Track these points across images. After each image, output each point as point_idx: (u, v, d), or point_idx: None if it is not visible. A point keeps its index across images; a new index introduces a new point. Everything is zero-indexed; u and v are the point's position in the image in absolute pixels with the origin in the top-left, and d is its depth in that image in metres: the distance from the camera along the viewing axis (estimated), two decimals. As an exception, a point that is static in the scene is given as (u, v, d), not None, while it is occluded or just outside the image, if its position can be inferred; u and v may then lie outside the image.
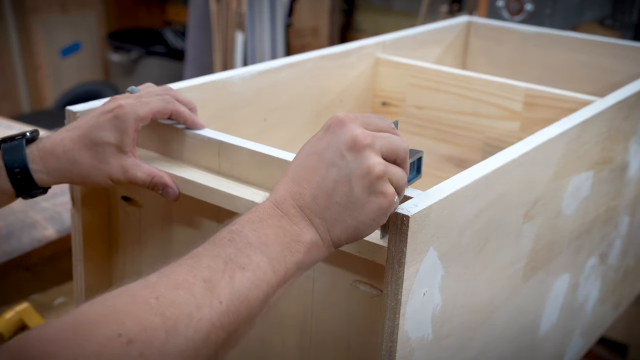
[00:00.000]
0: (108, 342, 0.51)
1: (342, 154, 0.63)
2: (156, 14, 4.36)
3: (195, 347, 0.55)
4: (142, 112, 0.81)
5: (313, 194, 0.64)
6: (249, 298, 0.59)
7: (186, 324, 0.55)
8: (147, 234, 0.94)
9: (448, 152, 1.32)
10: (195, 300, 0.56)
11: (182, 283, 0.57)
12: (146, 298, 0.55)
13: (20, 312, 1.15)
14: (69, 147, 0.80)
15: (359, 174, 0.63)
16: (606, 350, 2.02)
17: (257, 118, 1.13)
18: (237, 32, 3.02)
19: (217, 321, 0.57)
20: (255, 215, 0.63)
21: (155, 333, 0.53)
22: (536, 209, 0.90)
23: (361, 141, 0.64)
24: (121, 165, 0.81)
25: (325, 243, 0.64)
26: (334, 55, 1.24)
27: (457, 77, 1.28)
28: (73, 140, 0.80)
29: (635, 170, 1.20)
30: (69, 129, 0.81)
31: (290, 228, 0.63)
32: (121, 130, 0.80)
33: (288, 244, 0.62)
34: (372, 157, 0.63)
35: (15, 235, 1.22)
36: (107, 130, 0.80)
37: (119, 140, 0.80)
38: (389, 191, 0.64)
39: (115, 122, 0.80)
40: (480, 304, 0.84)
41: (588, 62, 1.44)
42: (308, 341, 0.84)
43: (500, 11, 2.08)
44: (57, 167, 0.80)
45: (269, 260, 0.61)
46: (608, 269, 1.23)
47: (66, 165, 0.80)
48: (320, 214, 0.64)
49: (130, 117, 0.80)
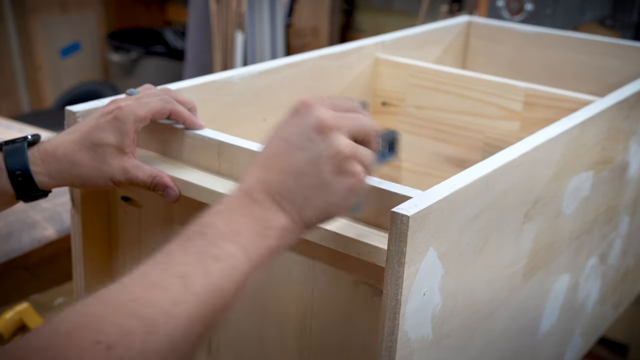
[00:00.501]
0: (87, 350, 0.51)
1: (310, 137, 0.64)
2: (156, 14, 4.36)
3: (174, 344, 0.55)
4: (141, 112, 0.81)
5: (282, 179, 0.64)
6: (224, 288, 0.59)
7: (164, 321, 0.55)
8: (147, 234, 0.94)
9: (448, 152, 1.32)
10: (171, 297, 0.56)
11: (156, 282, 0.57)
12: (122, 301, 0.55)
13: (20, 312, 1.16)
14: (70, 149, 0.80)
15: (327, 155, 0.64)
16: (606, 350, 2.02)
17: (257, 118, 1.13)
18: (237, 32, 3.02)
19: (195, 315, 0.57)
20: (224, 206, 0.64)
21: (134, 335, 0.53)
22: (536, 209, 0.90)
23: (328, 123, 0.64)
24: (122, 166, 0.81)
25: (297, 226, 0.65)
26: (333, 55, 1.24)
27: (457, 77, 1.28)
28: (74, 142, 0.80)
29: (636, 170, 1.20)
30: (69, 133, 0.82)
31: (261, 215, 0.63)
32: (121, 131, 0.80)
33: (260, 231, 0.63)
34: (339, 139, 0.64)
35: (15, 235, 1.22)
36: (107, 132, 0.80)
37: (119, 141, 0.80)
38: (358, 171, 0.65)
39: (115, 124, 0.80)
40: (480, 304, 0.84)
41: (588, 62, 1.44)
42: (308, 341, 0.84)
43: (500, 11, 2.08)
44: (58, 170, 0.80)
45: (242, 249, 0.61)
46: (608, 269, 1.23)
47: (67, 168, 0.80)
48: (289, 198, 0.64)
49: (129, 118, 0.80)
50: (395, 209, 0.66)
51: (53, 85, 3.92)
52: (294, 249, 0.81)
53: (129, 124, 0.80)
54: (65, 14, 3.95)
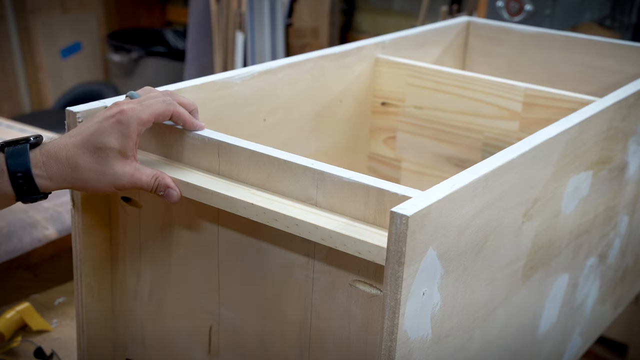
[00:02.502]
0: None
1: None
2: (156, 14, 4.36)
3: None
4: (144, 116, 0.81)
5: None
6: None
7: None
8: (147, 234, 0.94)
9: (447, 152, 1.32)
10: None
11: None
12: None
13: (21, 311, 1.16)
14: (72, 153, 0.80)
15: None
16: (605, 349, 2.02)
17: (257, 118, 1.13)
18: (237, 32, 3.02)
19: None
20: None
21: None
22: (535, 208, 0.90)
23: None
24: (124, 170, 0.81)
25: None
26: (333, 56, 1.24)
27: (456, 77, 1.28)
28: (76, 145, 0.80)
29: (634, 170, 1.20)
30: (72, 135, 0.82)
31: None
32: (124, 135, 0.80)
33: None
34: None
35: (16, 235, 1.22)
36: (110, 135, 0.80)
37: (122, 145, 0.80)
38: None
39: (118, 127, 0.80)
40: (480, 304, 0.85)
41: (587, 62, 1.44)
42: (308, 341, 0.84)
43: (500, 11, 2.08)
44: (60, 173, 0.80)
45: None
46: (607, 268, 1.24)
47: (69, 171, 0.80)
48: None
49: (133, 121, 0.80)
50: (394, 209, 0.67)
51: (54, 86, 3.92)
52: (294, 249, 0.82)
53: (132, 128, 0.80)
54: (65, 14, 3.95)
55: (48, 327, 1.18)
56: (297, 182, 0.79)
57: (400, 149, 1.38)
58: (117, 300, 1.00)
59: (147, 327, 0.99)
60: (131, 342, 1.01)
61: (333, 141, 1.31)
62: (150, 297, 0.97)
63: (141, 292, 0.97)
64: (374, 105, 1.37)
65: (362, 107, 1.35)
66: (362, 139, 1.39)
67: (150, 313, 0.98)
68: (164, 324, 0.97)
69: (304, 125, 1.23)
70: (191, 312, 0.93)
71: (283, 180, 0.80)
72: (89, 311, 0.97)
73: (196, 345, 0.94)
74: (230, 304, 0.89)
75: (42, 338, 1.16)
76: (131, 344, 1.01)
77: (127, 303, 0.99)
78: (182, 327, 0.95)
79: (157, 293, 0.96)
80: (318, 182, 0.78)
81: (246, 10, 3.03)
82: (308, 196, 0.79)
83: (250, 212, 0.79)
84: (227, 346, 0.92)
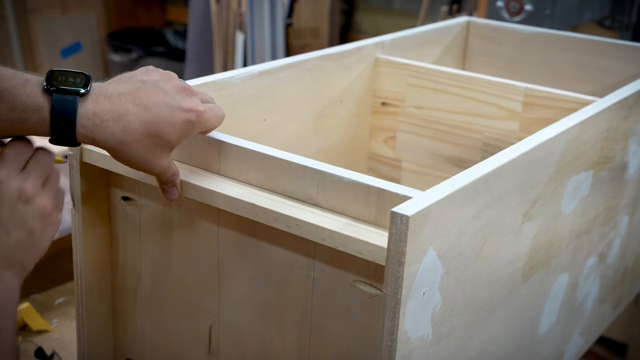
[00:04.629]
0: None
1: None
2: (156, 14, 4.36)
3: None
4: (210, 125, 0.81)
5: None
6: None
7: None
8: (147, 234, 0.94)
9: (447, 152, 1.32)
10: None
11: None
12: None
13: (21, 311, 1.16)
14: (133, 127, 0.74)
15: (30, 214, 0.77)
16: (605, 349, 2.02)
17: (257, 118, 1.13)
18: (237, 32, 3.02)
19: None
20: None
21: None
22: (535, 208, 0.90)
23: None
24: (162, 163, 0.78)
25: None
26: (333, 56, 1.24)
27: (456, 77, 1.28)
28: (141, 120, 0.74)
29: (635, 170, 1.20)
30: (137, 103, 0.75)
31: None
32: (187, 135, 0.78)
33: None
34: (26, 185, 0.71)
35: (16, 235, 1.22)
36: (177, 132, 0.77)
37: (179, 142, 0.78)
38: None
39: (188, 127, 0.78)
40: (480, 304, 0.85)
41: (587, 62, 1.44)
42: (308, 341, 0.84)
43: (500, 11, 2.08)
44: (105, 139, 0.74)
45: None
46: (607, 268, 1.24)
47: (114, 143, 0.74)
48: None
49: (200, 127, 0.79)
50: (395, 209, 0.67)
51: (53, 86, 3.92)
52: (294, 249, 0.82)
53: (197, 131, 0.80)
54: (65, 14, 3.95)
55: (48, 327, 1.18)
56: (298, 182, 0.79)
57: (400, 149, 1.38)
58: (117, 300, 1.00)
59: (147, 327, 0.99)
60: (131, 342, 1.01)
61: (333, 141, 1.31)
62: (150, 297, 0.97)
63: (141, 292, 0.97)
64: (374, 105, 1.37)
65: (362, 107, 1.35)
66: (362, 139, 1.39)
67: (150, 313, 0.98)
68: (164, 324, 0.97)
69: (304, 125, 1.23)
70: (191, 312, 0.93)
71: (283, 180, 0.80)
72: (89, 311, 0.97)
73: (196, 345, 0.94)
74: (230, 304, 0.89)
75: (42, 338, 1.16)
76: (131, 344, 1.01)
77: (127, 303, 0.99)
78: (182, 327, 0.95)
79: (157, 293, 0.96)
80: (318, 182, 0.78)
81: (246, 10, 3.03)
82: (308, 196, 0.79)
83: (251, 212, 0.79)
84: (227, 346, 0.92)
